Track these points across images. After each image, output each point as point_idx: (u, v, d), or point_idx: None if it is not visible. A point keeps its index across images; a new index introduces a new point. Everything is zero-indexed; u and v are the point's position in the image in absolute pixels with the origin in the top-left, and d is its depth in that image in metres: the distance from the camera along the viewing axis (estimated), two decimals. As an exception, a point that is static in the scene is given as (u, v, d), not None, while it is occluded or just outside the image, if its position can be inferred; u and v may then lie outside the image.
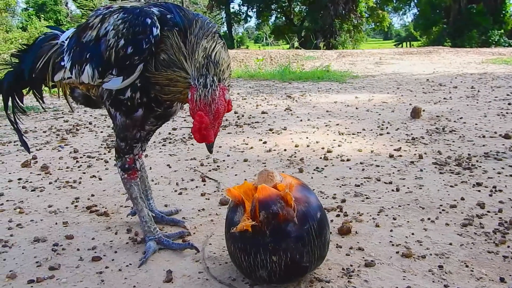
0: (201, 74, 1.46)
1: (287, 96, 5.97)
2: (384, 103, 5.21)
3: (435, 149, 3.15)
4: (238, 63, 14.29)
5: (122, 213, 2.21)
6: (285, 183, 1.48)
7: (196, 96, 1.45)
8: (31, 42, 1.97)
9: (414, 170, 2.71)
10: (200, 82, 1.45)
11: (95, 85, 1.69)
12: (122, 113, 1.68)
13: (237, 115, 4.64)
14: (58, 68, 1.80)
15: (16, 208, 2.31)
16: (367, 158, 2.99)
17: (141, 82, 1.59)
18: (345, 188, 2.44)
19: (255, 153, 3.21)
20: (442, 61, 11.43)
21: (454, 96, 5.53)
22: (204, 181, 2.65)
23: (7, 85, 1.95)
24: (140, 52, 1.52)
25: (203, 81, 1.45)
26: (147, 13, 1.56)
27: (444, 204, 2.16)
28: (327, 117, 4.45)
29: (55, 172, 2.95)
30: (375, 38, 65.43)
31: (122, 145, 1.76)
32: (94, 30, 1.65)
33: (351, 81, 7.63)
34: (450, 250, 1.72)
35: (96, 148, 3.54)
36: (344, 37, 29.63)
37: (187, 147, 3.43)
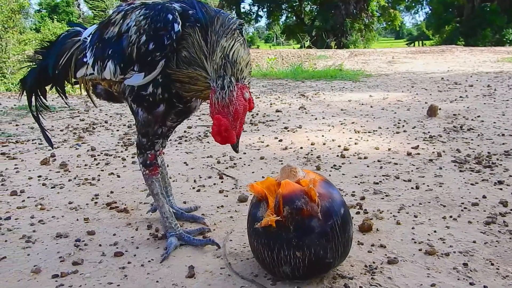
0: (218, 75, 1.47)
1: (301, 94, 5.95)
2: (399, 101, 5.17)
3: (454, 147, 3.11)
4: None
5: (142, 209, 2.22)
6: (309, 179, 1.48)
7: (214, 99, 1.45)
8: (54, 39, 1.98)
9: (433, 168, 2.68)
10: (218, 84, 1.46)
11: (117, 81, 1.71)
12: (144, 109, 1.68)
13: (251, 114, 4.64)
14: (80, 64, 1.81)
15: (38, 204, 2.34)
16: (385, 156, 2.97)
17: (162, 78, 1.59)
18: (363, 186, 2.42)
19: (271, 151, 3.21)
20: (456, 60, 11.31)
21: (470, 95, 5.47)
22: (222, 178, 2.65)
23: (30, 82, 1.97)
24: (162, 48, 1.53)
25: (221, 83, 1.45)
26: (169, 9, 1.56)
27: (465, 202, 2.14)
28: (342, 116, 4.43)
29: (74, 169, 2.98)
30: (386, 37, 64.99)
31: (144, 141, 1.77)
32: (116, 26, 1.66)
33: (364, 79, 7.58)
34: (474, 248, 1.70)
35: (113, 146, 3.56)
36: (355, 36, 29.49)
37: (203, 145, 3.44)
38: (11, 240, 1.89)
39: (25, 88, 2.01)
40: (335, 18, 29.25)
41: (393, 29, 47.53)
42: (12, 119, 4.84)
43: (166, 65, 1.56)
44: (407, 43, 35.05)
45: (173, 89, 1.61)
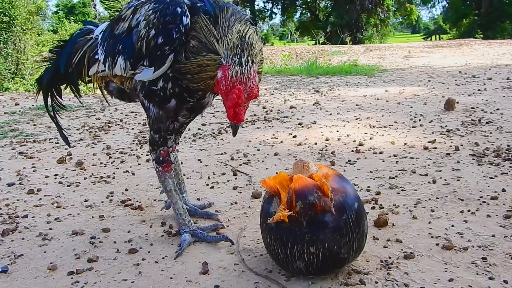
0: (235, 53, 1.46)
1: (315, 90, 5.91)
2: (416, 95, 5.09)
3: (472, 140, 3.05)
4: (264, 60, 14.24)
5: (156, 207, 2.23)
6: (321, 173, 1.46)
7: (232, 72, 1.43)
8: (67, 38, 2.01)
9: (450, 162, 2.63)
10: (234, 60, 1.45)
11: (127, 77, 1.71)
12: (156, 104, 1.68)
13: (265, 110, 4.62)
14: (92, 61, 1.83)
15: (54, 202, 2.37)
16: (401, 150, 2.92)
17: (172, 72, 1.59)
18: (379, 181, 2.39)
19: (285, 147, 3.19)
20: (474, 53, 11.10)
21: (489, 88, 5.36)
22: (235, 175, 2.64)
23: (46, 81, 2.00)
24: (171, 42, 1.53)
25: (238, 60, 1.45)
26: (177, 2, 1.56)
27: (484, 196, 2.09)
28: (357, 111, 4.38)
29: (90, 168, 3.01)
30: (402, 32, 64.16)
31: (156, 137, 1.77)
32: (126, 21, 1.67)
33: (380, 74, 7.49)
34: (494, 242, 1.66)
35: (128, 144, 3.59)
36: (370, 31, 29.16)
37: (217, 142, 3.44)
38: (28, 238, 1.91)
39: (41, 88, 2.04)
40: (350, 13, 28.97)
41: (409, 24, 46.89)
42: (29, 119, 4.92)
43: (175, 59, 1.55)
44: (424, 37, 34.53)
45: (184, 84, 1.60)
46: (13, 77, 9.66)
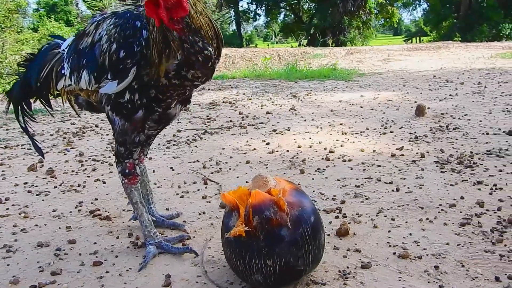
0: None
1: (293, 95, 5.97)
2: (389, 101, 5.19)
3: (438, 147, 3.13)
4: (246, 62, 14.33)
5: (124, 217, 2.25)
6: (279, 188, 1.50)
7: None
8: (37, 51, 2.02)
9: (415, 169, 2.71)
10: None
11: (93, 90, 1.74)
12: (123, 117, 1.71)
13: (241, 116, 4.66)
14: (59, 76, 1.85)
15: (21, 212, 2.36)
16: (369, 158, 2.99)
17: (138, 84, 1.62)
18: (345, 189, 2.44)
19: (257, 154, 3.23)
20: (451, 57, 11.33)
21: (460, 93, 5.49)
22: (206, 183, 2.67)
23: (15, 94, 2.02)
24: (132, 55, 1.57)
25: None
26: (137, 16, 1.59)
27: (443, 204, 2.16)
28: (331, 117, 4.45)
29: (61, 176, 3.00)
30: (384, 34, 64.90)
31: (122, 150, 1.79)
32: (90, 36, 1.70)
33: (357, 79, 7.60)
34: (447, 250, 1.72)
35: (101, 151, 3.59)
36: (353, 33, 29.45)
37: (190, 150, 3.46)
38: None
39: (11, 100, 2.05)
40: (333, 15, 29.18)
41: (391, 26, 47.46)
42: (3, 123, 4.88)
43: (138, 71, 1.58)
44: (405, 39, 35.02)
45: (152, 93, 1.64)
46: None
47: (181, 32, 1.48)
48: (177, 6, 1.46)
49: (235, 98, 5.96)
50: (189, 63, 1.52)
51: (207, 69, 1.56)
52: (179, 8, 1.47)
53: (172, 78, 1.57)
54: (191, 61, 1.51)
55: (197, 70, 1.54)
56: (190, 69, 1.54)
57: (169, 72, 1.55)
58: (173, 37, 1.48)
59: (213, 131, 4.03)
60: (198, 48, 1.50)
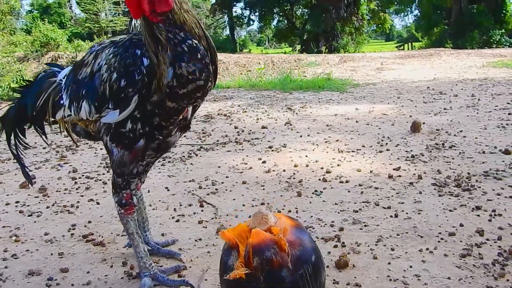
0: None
1: (288, 108, 5.95)
2: (385, 115, 5.19)
3: (435, 167, 3.12)
4: (240, 68, 14.34)
5: (119, 243, 2.20)
6: (279, 227, 1.47)
7: None
8: (33, 78, 2.01)
9: (413, 192, 2.69)
10: None
11: (93, 120, 1.71)
12: (123, 147, 1.67)
13: (237, 131, 4.63)
14: (58, 106, 1.82)
15: (12, 235, 2.31)
16: (366, 179, 2.97)
17: (140, 113, 1.59)
18: (343, 214, 2.42)
19: (254, 174, 3.19)
20: (443, 66, 11.39)
21: (454, 106, 5.51)
22: (202, 206, 2.63)
23: (9, 121, 1.98)
24: (133, 84, 1.54)
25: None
26: (137, 44, 1.57)
27: (443, 232, 2.14)
28: (327, 132, 4.43)
29: (53, 194, 2.95)
30: (377, 39, 65.22)
31: (119, 180, 1.75)
32: (89, 66, 1.67)
33: (351, 90, 7.60)
34: (449, 286, 1.70)
35: (95, 167, 3.53)
36: (346, 39, 29.60)
37: (186, 167, 3.42)
38: (-19, 280, 1.86)
39: (5, 127, 2.01)
40: (326, 21, 29.31)
41: (383, 32, 47.78)
42: (-6, 136, 4.78)
43: (140, 100, 1.55)
44: (397, 45, 35.25)
45: (155, 121, 1.61)
46: (-18, 77, 9.39)
47: (163, 22, 1.47)
48: (160, 0, 1.45)
49: (230, 110, 5.93)
50: (178, 56, 1.47)
51: (199, 62, 1.50)
52: (162, 2, 1.45)
53: (173, 87, 1.51)
54: (178, 53, 1.47)
55: (188, 63, 1.48)
56: (181, 62, 1.48)
57: (169, 83, 1.51)
58: (159, 28, 1.47)
59: (209, 147, 3.99)
60: (180, 38, 1.47)
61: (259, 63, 14.92)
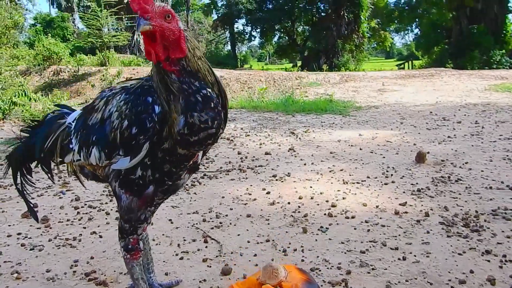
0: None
1: (291, 132, 5.94)
2: (388, 142, 5.17)
3: (442, 204, 3.09)
4: (241, 85, 14.39)
5: (122, 282, 2.16)
6: (290, 282, 1.43)
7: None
8: (41, 118, 2.00)
9: (420, 231, 2.65)
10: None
11: (102, 166, 1.69)
12: (132, 193, 1.66)
13: (240, 157, 4.60)
14: (67, 150, 1.80)
15: (14, 272, 2.28)
16: (372, 215, 2.93)
17: (150, 160, 1.58)
18: (350, 255, 2.38)
19: (258, 206, 3.16)
20: (445, 88, 11.42)
21: (458, 134, 5.49)
22: (206, 242, 2.59)
23: (16, 160, 1.97)
24: (145, 131, 1.53)
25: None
26: (148, 91, 1.56)
27: (453, 279, 2.10)
28: (331, 160, 4.41)
29: (55, 225, 2.91)
30: (377, 57, 65.70)
31: (126, 226, 1.74)
32: (99, 112, 1.67)
33: (354, 113, 7.61)
34: None
35: (98, 195, 3.50)
36: (346, 57, 29.81)
37: (189, 197, 3.39)
38: (-19, 326, 1.82)
39: (11, 165, 2.00)
40: (326, 39, 29.57)
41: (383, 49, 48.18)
42: (-4, 157, 4.75)
43: (151, 147, 1.54)
44: (398, 64, 35.43)
45: (165, 168, 1.60)
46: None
47: (178, 73, 1.47)
48: (175, 47, 1.47)
49: (233, 133, 5.91)
50: (191, 106, 1.47)
51: (212, 110, 1.50)
52: (176, 48, 1.47)
53: (184, 135, 1.50)
54: (191, 103, 1.47)
55: (201, 113, 1.48)
56: (193, 111, 1.47)
57: (180, 130, 1.50)
58: (171, 79, 1.48)
59: (212, 175, 3.96)
60: (195, 88, 1.48)
61: (260, 80, 14.99)
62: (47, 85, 16.09)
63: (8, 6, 13.22)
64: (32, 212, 2.08)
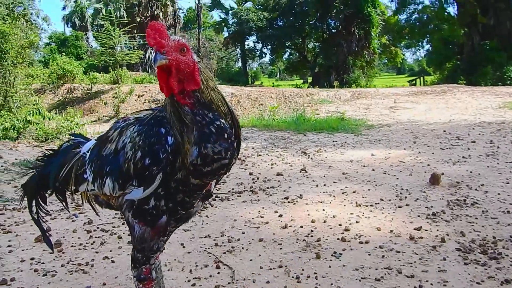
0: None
1: (303, 152, 5.92)
2: (402, 162, 5.12)
3: (458, 228, 3.03)
4: (252, 102, 14.46)
5: (134, 310, 2.14)
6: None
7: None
8: (57, 148, 2.03)
9: (437, 258, 2.60)
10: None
11: (115, 196, 1.70)
12: (145, 223, 1.66)
13: (252, 178, 4.59)
14: (81, 180, 1.82)
15: (26, 301, 2.27)
16: (387, 240, 2.89)
17: (164, 190, 1.58)
18: (364, 283, 2.33)
19: (270, 229, 3.13)
20: (458, 105, 11.33)
21: (473, 154, 5.42)
22: (219, 267, 2.57)
23: (31, 188, 1.99)
24: (158, 162, 1.54)
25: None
26: (161, 122, 1.57)
27: (471, 311, 2.04)
28: (343, 182, 4.37)
29: (68, 250, 2.91)
30: (388, 72, 65.57)
31: (139, 256, 1.74)
32: (113, 143, 1.68)
33: (366, 132, 7.57)
34: None
35: (110, 218, 3.50)
36: (357, 73, 29.86)
37: (201, 220, 3.37)
38: None
39: (26, 194, 2.03)
40: (337, 55, 29.71)
41: (394, 65, 48.12)
42: (11, 178, 4.81)
43: (165, 177, 1.54)
44: (409, 81, 35.31)
45: (178, 198, 1.61)
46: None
47: (191, 105, 1.49)
48: (189, 79, 1.49)
49: (245, 153, 5.91)
50: (205, 137, 1.48)
51: (225, 141, 1.50)
52: (191, 81, 1.50)
53: (197, 166, 1.51)
54: (205, 134, 1.48)
55: (214, 144, 1.48)
56: (207, 143, 1.48)
57: (193, 161, 1.50)
58: (184, 112, 1.49)
59: (224, 197, 3.95)
60: (208, 120, 1.49)
61: (271, 97, 15.04)
62: (61, 103, 16.36)
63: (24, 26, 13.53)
64: (47, 240, 2.09)
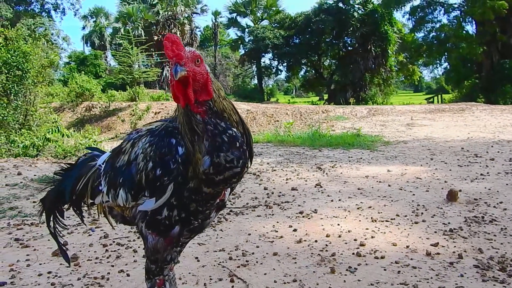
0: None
1: (317, 167, 5.91)
2: (418, 178, 5.07)
3: (476, 245, 2.98)
4: (268, 118, 14.53)
5: (148, 323, 2.15)
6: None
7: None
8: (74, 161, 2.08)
9: (454, 275, 2.55)
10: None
11: (129, 207, 1.73)
12: (158, 233, 1.68)
13: (266, 192, 4.60)
14: (97, 192, 1.86)
15: (43, 315, 2.29)
16: (403, 255, 2.85)
17: (176, 200, 1.60)
18: (380, 299, 2.31)
19: (285, 244, 3.13)
20: (477, 123, 11.17)
21: (491, 172, 5.33)
22: (233, 281, 2.57)
23: (50, 202, 2.04)
24: (169, 172, 1.56)
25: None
26: (172, 133, 1.60)
27: (490, 328, 2.00)
28: (358, 197, 4.34)
29: (84, 264, 2.94)
30: (405, 90, 65.26)
31: (153, 267, 1.76)
32: (126, 154, 1.71)
33: (382, 148, 7.52)
34: None
35: (126, 232, 3.53)
36: (374, 90, 29.81)
37: (216, 234, 3.38)
38: None
39: (44, 208, 2.07)
40: (354, 72, 29.73)
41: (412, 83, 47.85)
42: (30, 194, 4.90)
43: (176, 188, 1.56)
44: (427, 98, 35.05)
45: (191, 207, 1.62)
46: (20, 128, 9.79)
47: (204, 114, 1.52)
48: (203, 90, 1.53)
49: (260, 168, 5.93)
50: (218, 146, 1.50)
51: (237, 150, 1.53)
52: (204, 91, 1.54)
53: (209, 175, 1.53)
54: (217, 143, 1.50)
55: (227, 153, 1.51)
56: (220, 152, 1.51)
57: (205, 170, 1.52)
58: (196, 121, 1.52)
59: (239, 211, 3.96)
60: (221, 129, 1.52)
61: (287, 114, 15.10)
62: (79, 121, 16.70)
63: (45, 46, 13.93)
64: (64, 254, 2.13)
